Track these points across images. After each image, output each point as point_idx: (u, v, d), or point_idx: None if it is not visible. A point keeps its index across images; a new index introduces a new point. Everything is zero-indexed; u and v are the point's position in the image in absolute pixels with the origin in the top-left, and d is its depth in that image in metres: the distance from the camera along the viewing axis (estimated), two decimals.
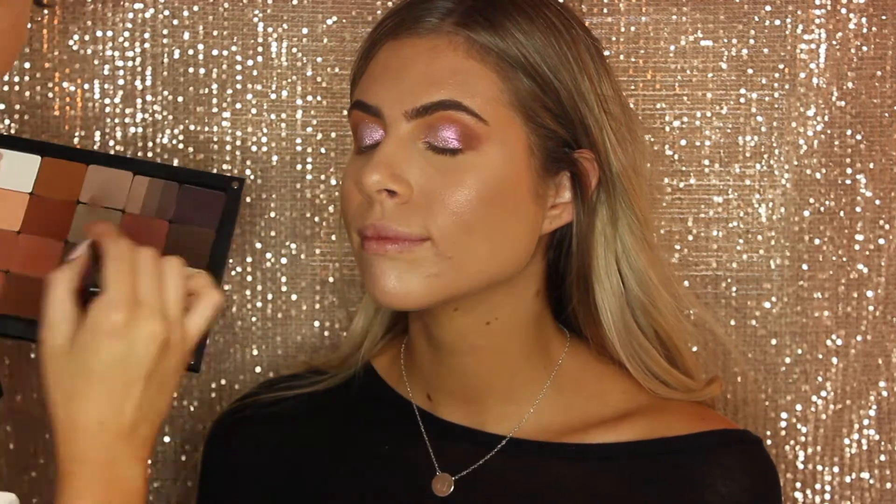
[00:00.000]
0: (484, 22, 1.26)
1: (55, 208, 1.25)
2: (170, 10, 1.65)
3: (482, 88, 1.24)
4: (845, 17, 1.63)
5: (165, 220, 1.24)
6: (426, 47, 1.26)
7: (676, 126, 1.65)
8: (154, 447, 1.28)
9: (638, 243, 1.31)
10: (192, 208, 1.23)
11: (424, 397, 1.36)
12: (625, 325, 1.32)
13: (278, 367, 1.67)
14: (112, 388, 1.07)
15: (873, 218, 1.65)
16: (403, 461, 1.34)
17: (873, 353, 1.66)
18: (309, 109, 1.66)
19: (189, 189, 1.25)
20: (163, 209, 1.24)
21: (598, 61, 1.31)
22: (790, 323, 1.66)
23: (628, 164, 1.31)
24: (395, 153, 1.24)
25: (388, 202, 1.23)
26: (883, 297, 1.65)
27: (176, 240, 1.21)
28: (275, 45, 1.65)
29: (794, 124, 1.64)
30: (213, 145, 1.66)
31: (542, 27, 1.27)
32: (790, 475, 1.66)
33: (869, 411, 1.66)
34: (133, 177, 1.26)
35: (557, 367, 1.34)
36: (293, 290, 1.67)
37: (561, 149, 1.28)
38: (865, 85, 1.64)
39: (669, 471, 1.29)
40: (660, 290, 1.33)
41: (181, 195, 1.25)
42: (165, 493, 1.68)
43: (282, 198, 1.67)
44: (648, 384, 1.32)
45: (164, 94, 1.65)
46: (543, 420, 1.33)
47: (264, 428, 1.41)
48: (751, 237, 1.66)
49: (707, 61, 1.64)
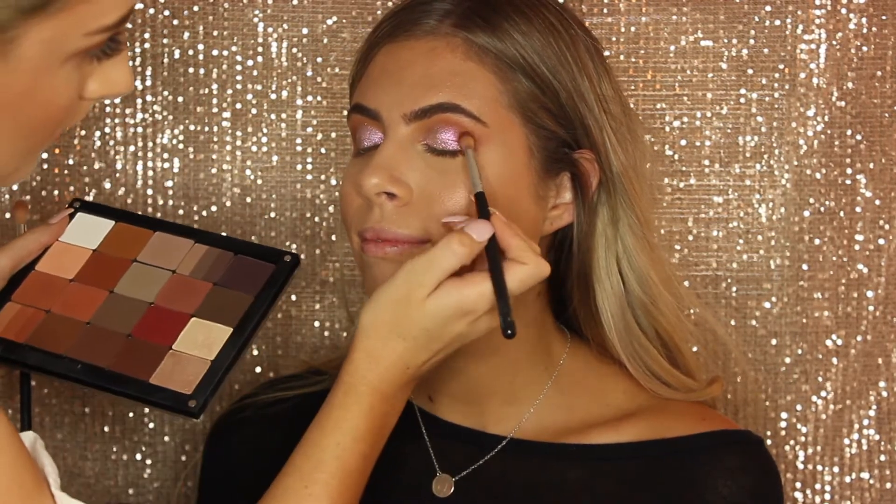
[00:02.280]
0: (482, 23, 1.26)
1: (111, 264, 1.29)
2: (170, 10, 1.64)
3: (481, 90, 1.24)
4: (845, 17, 1.63)
5: (210, 282, 1.27)
6: (424, 49, 1.26)
7: (676, 126, 1.65)
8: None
9: (639, 243, 1.31)
10: (239, 275, 1.27)
11: (426, 398, 1.36)
12: (625, 325, 1.32)
13: (278, 367, 1.67)
14: (432, 349, 1.18)
15: (873, 218, 1.65)
16: (404, 462, 1.34)
17: (873, 353, 1.66)
18: (309, 109, 1.66)
19: (242, 259, 1.28)
20: (211, 273, 1.28)
21: (598, 61, 1.30)
22: (790, 323, 1.66)
23: (629, 165, 1.30)
24: (393, 156, 1.24)
25: (387, 204, 1.23)
26: (883, 297, 1.65)
27: (213, 299, 1.26)
28: (275, 45, 1.65)
29: (794, 124, 1.64)
30: (213, 145, 1.66)
31: (540, 28, 1.27)
32: (790, 475, 1.67)
33: (869, 411, 1.66)
34: (193, 244, 1.30)
35: (558, 368, 1.34)
36: (293, 290, 1.67)
37: (561, 149, 1.28)
38: (865, 85, 1.64)
39: (670, 471, 1.29)
40: (660, 290, 1.32)
41: (233, 263, 1.28)
42: (165, 493, 1.68)
43: (282, 198, 1.66)
44: (649, 384, 1.32)
45: (164, 94, 1.65)
46: (544, 421, 1.33)
47: (264, 428, 1.41)
48: (751, 237, 1.66)
49: (707, 61, 1.64)
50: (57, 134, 1.03)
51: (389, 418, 1.19)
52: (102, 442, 1.69)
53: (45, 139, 1.02)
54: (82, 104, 1.03)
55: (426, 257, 1.16)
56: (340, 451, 1.15)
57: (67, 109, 1.01)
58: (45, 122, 1.00)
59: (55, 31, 0.95)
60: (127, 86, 1.03)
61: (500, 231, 1.17)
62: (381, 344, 1.17)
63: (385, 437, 1.19)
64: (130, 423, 1.68)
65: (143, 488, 1.69)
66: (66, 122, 1.03)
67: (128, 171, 1.66)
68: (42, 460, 1.09)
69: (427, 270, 1.15)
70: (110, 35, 0.98)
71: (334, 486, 1.15)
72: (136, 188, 1.66)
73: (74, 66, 0.98)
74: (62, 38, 0.95)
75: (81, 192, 1.65)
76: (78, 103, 1.02)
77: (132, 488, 1.69)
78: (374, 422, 1.17)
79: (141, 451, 1.68)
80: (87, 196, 1.65)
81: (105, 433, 1.68)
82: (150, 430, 1.68)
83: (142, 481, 1.69)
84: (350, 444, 1.16)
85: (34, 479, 1.03)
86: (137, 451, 1.68)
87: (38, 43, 0.95)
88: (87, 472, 1.68)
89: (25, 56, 0.95)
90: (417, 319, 1.16)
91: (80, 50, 0.97)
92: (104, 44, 0.99)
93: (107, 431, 1.68)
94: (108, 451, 1.68)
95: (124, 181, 1.66)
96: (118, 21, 0.97)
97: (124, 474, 1.69)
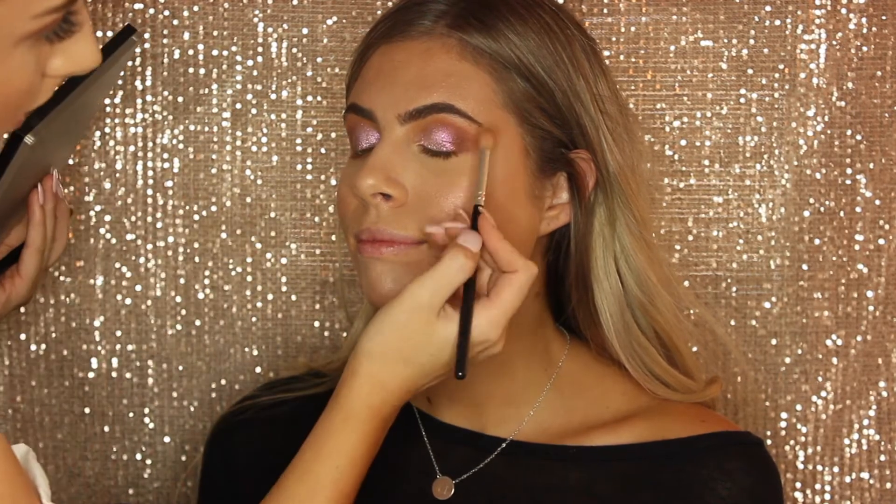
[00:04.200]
0: (477, 24, 1.25)
1: None
2: (170, 10, 1.64)
3: (475, 90, 1.24)
4: (845, 17, 1.63)
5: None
6: (419, 50, 1.26)
7: (676, 126, 1.65)
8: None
9: (636, 243, 1.31)
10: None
11: (425, 400, 1.36)
12: (624, 324, 1.31)
13: (278, 367, 1.67)
14: (436, 374, 1.17)
15: (873, 218, 1.65)
16: (404, 464, 1.34)
17: (873, 353, 1.66)
18: (309, 109, 1.66)
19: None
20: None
21: (594, 61, 1.30)
22: (790, 323, 1.66)
23: (625, 164, 1.30)
24: (389, 157, 1.24)
25: (383, 206, 1.23)
26: (883, 297, 1.65)
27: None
28: (275, 45, 1.65)
29: (794, 124, 1.64)
30: (213, 145, 1.66)
31: (535, 28, 1.26)
32: (790, 475, 1.67)
33: (869, 411, 1.66)
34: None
35: (558, 370, 1.34)
36: (293, 290, 1.67)
37: (557, 149, 1.27)
38: (865, 85, 1.64)
39: (670, 473, 1.28)
40: (659, 290, 1.32)
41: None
42: (165, 493, 1.68)
43: (282, 198, 1.66)
44: (648, 384, 1.32)
45: (164, 94, 1.65)
46: (544, 422, 1.33)
47: (264, 430, 1.41)
48: (751, 237, 1.65)
49: (707, 61, 1.64)
50: (20, 117, 1.02)
51: (382, 436, 1.18)
52: (102, 442, 1.69)
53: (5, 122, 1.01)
54: (46, 82, 1.01)
55: (431, 277, 1.14)
56: (338, 475, 1.14)
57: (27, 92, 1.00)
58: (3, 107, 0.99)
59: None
60: (93, 61, 1.02)
61: (487, 234, 1.16)
62: (386, 370, 1.15)
63: (377, 451, 1.18)
64: (130, 423, 1.68)
65: (143, 488, 1.69)
66: (29, 104, 1.01)
67: (128, 171, 1.66)
68: (33, 472, 1.08)
69: (434, 290, 1.14)
70: (61, 16, 0.97)
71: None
72: (136, 188, 1.66)
73: (28, 48, 0.97)
74: (8, 22, 0.94)
75: (81, 192, 1.65)
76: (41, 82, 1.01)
77: (132, 488, 1.69)
78: (370, 445, 1.16)
79: (141, 451, 1.68)
80: (87, 196, 1.65)
81: (105, 433, 1.69)
82: (150, 430, 1.68)
83: (142, 481, 1.69)
84: (347, 469, 1.15)
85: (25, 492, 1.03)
86: (137, 451, 1.68)
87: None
88: (87, 472, 1.69)
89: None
90: (424, 345, 1.15)
91: (31, 32, 0.96)
92: (57, 25, 0.98)
93: (107, 431, 1.69)
94: (108, 451, 1.69)
95: (124, 181, 1.66)
96: (66, 2, 0.96)
97: (124, 474, 1.69)
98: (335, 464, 1.14)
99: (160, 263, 1.67)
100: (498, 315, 1.15)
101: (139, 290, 1.67)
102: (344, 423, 1.15)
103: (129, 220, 1.66)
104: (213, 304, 1.67)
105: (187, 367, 1.68)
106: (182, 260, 1.67)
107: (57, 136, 1.27)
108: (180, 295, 1.67)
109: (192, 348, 1.68)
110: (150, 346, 1.68)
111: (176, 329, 1.68)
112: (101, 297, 1.67)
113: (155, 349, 1.68)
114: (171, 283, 1.67)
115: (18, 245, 1.36)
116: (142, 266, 1.67)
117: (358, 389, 1.16)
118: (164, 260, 1.67)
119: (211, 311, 1.67)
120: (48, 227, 1.35)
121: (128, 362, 1.68)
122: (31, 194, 1.34)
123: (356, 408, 1.15)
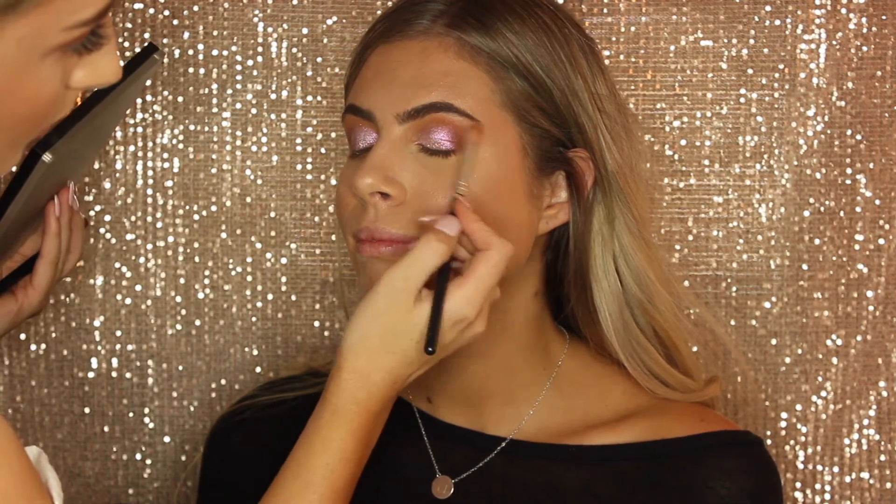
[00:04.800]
0: (475, 23, 1.25)
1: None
2: (170, 10, 1.64)
3: (473, 89, 1.24)
4: (845, 17, 1.63)
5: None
6: (417, 50, 1.26)
7: (676, 126, 1.65)
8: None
9: (635, 242, 1.31)
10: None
11: (424, 399, 1.36)
12: (623, 324, 1.31)
13: (278, 367, 1.67)
14: (416, 361, 1.17)
15: (873, 218, 1.65)
16: (403, 463, 1.34)
17: (873, 353, 1.66)
18: (309, 109, 1.66)
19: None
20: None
21: (592, 60, 1.30)
22: (790, 323, 1.66)
23: (624, 163, 1.30)
24: (387, 156, 1.24)
25: (381, 205, 1.23)
26: (883, 297, 1.65)
27: None
28: (275, 45, 1.65)
29: (794, 124, 1.64)
30: (213, 145, 1.66)
31: (533, 27, 1.27)
32: (790, 475, 1.66)
33: (869, 411, 1.66)
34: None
35: (557, 369, 1.34)
36: (293, 290, 1.67)
37: (555, 148, 1.27)
38: (865, 85, 1.64)
39: (669, 473, 1.28)
40: (658, 289, 1.32)
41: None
42: (165, 493, 1.68)
43: (282, 198, 1.66)
44: (647, 384, 1.32)
45: (164, 94, 1.65)
46: (543, 421, 1.33)
47: (263, 430, 1.41)
48: (751, 237, 1.65)
49: (707, 61, 1.64)
50: (44, 127, 1.03)
51: (376, 433, 1.18)
52: (102, 442, 1.69)
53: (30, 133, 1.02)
54: (69, 94, 1.02)
55: (404, 263, 1.15)
56: (329, 471, 1.14)
57: (53, 102, 1.00)
58: (29, 117, 1.00)
59: (31, 28, 0.94)
60: (115, 75, 1.02)
61: (463, 216, 1.17)
62: (370, 361, 1.15)
63: (371, 447, 1.18)
64: (130, 423, 1.68)
65: (143, 488, 1.69)
66: (53, 115, 1.02)
67: (128, 171, 1.66)
68: (46, 474, 1.09)
69: (407, 276, 1.15)
70: (90, 29, 0.98)
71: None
72: (136, 188, 1.66)
73: (56, 60, 0.98)
74: (39, 34, 0.95)
75: (81, 192, 1.65)
76: (64, 93, 1.02)
77: (132, 488, 1.69)
78: (361, 440, 1.16)
79: (141, 451, 1.68)
80: (87, 196, 1.66)
81: (105, 433, 1.69)
82: (150, 430, 1.68)
83: (142, 481, 1.69)
84: (338, 465, 1.15)
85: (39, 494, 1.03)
86: (137, 451, 1.68)
87: (15, 41, 0.94)
88: (87, 472, 1.69)
89: (2, 55, 0.94)
90: (405, 331, 1.15)
91: (60, 45, 0.97)
92: (85, 37, 0.98)
93: (107, 431, 1.69)
94: (108, 451, 1.69)
95: (124, 181, 1.66)
96: (96, 15, 0.97)
97: (124, 474, 1.69)
98: (325, 460, 1.15)
99: (160, 263, 1.67)
100: (472, 291, 1.15)
101: (139, 290, 1.67)
102: (332, 418, 1.15)
103: (128, 220, 1.66)
104: (213, 304, 1.67)
105: (187, 366, 1.68)
106: (182, 260, 1.67)
107: (75, 153, 1.28)
108: (180, 295, 1.67)
109: (192, 348, 1.68)
110: (150, 345, 1.68)
111: (176, 329, 1.68)
112: (100, 296, 1.67)
113: (155, 349, 1.68)
114: (171, 283, 1.67)
115: (32, 255, 1.36)
116: (142, 266, 1.67)
117: (343, 384, 1.16)
118: (164, 260, 1.67)
119: (211, 310, 1.67)
120: (63, 239, 1.36)
121: (128, 362, 1.68)
122: (48, 206, 1.34)
123: (342, 403, 1.16)
